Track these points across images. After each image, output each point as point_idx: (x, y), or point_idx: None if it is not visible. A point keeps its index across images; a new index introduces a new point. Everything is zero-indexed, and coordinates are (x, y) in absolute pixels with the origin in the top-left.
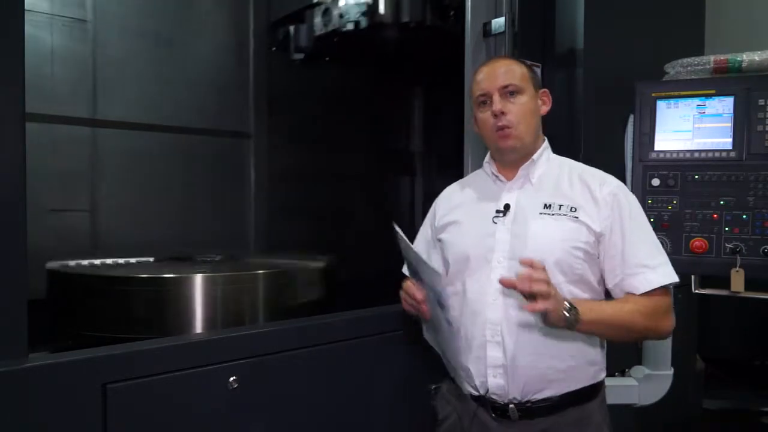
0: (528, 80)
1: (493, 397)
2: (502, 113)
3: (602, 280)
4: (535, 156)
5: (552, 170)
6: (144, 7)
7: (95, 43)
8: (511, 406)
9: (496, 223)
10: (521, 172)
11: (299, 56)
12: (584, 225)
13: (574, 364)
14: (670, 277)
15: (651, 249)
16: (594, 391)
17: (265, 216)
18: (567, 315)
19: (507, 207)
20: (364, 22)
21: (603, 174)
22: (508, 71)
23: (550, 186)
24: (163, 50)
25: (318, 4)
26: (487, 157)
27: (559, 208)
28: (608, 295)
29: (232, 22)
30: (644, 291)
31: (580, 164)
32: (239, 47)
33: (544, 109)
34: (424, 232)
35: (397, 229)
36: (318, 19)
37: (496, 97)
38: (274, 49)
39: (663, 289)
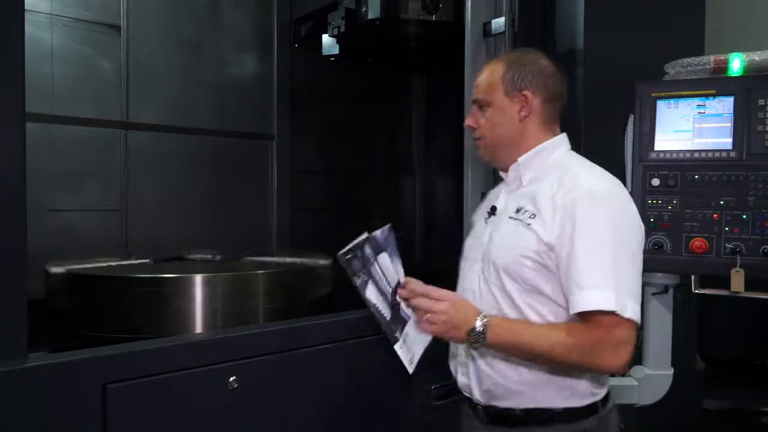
0: (497, 89)
1: (465, 393)
2: (471, 128)
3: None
4: (521, 158)
5: (548, 171)
6: (172, 11)
7: (128, 48)
8: (479, 407)
9: (486, 224)
10: (512, 174)
11: (333, 51)
12: (534, 233)
13: (534, 380)
14: (598, 303)
15: (591, 267)
16: (569, 416)
17: (287, 215)
18: (469, 337)
19: (494, 209)
20: (393, 18)
21: (585, 177)
22: (478, 83)
23: (533, 189)
24: (189, 53)
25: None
26: None
27: (524, 213)
28: None
29: (255, 23)
30: (573, 312)
31: (579, 166)
32: (263, 48)
33: (521, 114)
34: None
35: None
36: (343, 17)
37: (472, 110)
38: (297, 45)
39: (610, 319)
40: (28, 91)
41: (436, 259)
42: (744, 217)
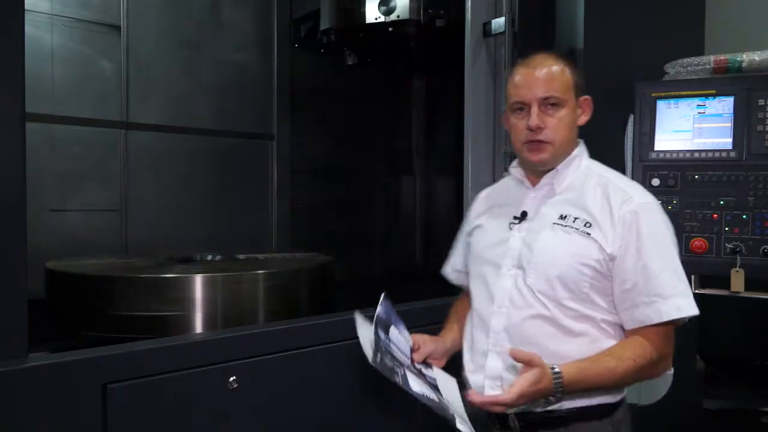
0: (571, 89)
1: None
2: (539, 128)
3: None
4: (560, 166)
5: (580, 179)
6: (172, 11)
7: (128, 48)
8: (511, 415)
9: (512, 229)
10: (545, 180)
11: (353, 60)
12: (596, 243)
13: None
14: (685, 309)
15: (670, 276)
16: (606, 410)
17: (287, 215)
18: (558, 396)
19: (524, 214)
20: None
21: (631, 188)
22: (550, 79)
23: (573, 196)
24: (189, 53)
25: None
26: (515, 162)
27: (574, 221)
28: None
29: (255, 23)
30: (656, 322)
31: (613, 175)
32: (263, 48)
33: (583, 119)
34: (460, 235)
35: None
36: (342, 17)
37: (535, 110)
38: (296, 45)
39: (668, 329)
40: (28, 91)
41: (436, 259)
42: (744, 217)
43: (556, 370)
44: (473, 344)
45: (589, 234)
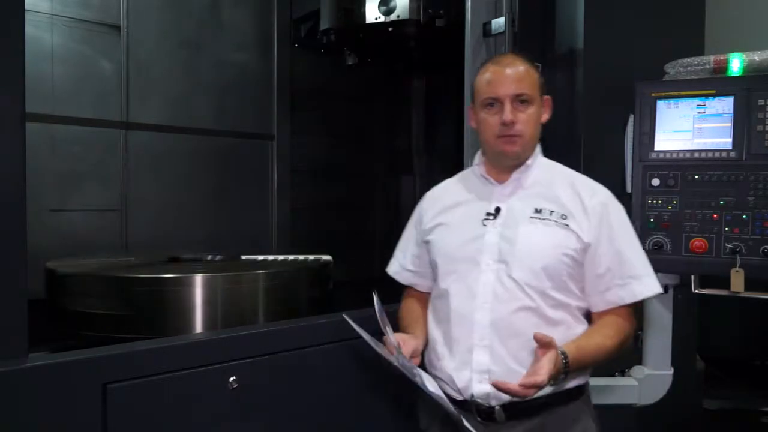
0: (538, 88)
1: (478, 400)
2: (513, 123)
3: (582, 289)
4: (529, 161)
5: (544, 175)
6: (172, 11)
7: (128, 48)
8: (498, 408)
9: (485, 225)
10: (514, 176)
11: (353, 60)
12: (573, 233)
13: None
14: (656, 288)
15: (639, 261)
16: (580, 390)
17: (287, 215)
18: (562, 377)
19: (498, 210)
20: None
21: (593, 183)
22: (521, 78)
23: (542, 191)
24: (189, 53)
25: None
26: (477, 159)
27: (550, 214)
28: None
29: (255, 23)
30: (630, 302)
31: (571, 171)
32: (263, 48)
33: (545, 117)
34: (409, 234)
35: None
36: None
37: (508, 106)
38: (296, 45)
39: (632, 306)
40: (28, 91)
41: None
42: (744, 217)
43: (562, 350)
44: (453, 341)
45: (567, 225)
